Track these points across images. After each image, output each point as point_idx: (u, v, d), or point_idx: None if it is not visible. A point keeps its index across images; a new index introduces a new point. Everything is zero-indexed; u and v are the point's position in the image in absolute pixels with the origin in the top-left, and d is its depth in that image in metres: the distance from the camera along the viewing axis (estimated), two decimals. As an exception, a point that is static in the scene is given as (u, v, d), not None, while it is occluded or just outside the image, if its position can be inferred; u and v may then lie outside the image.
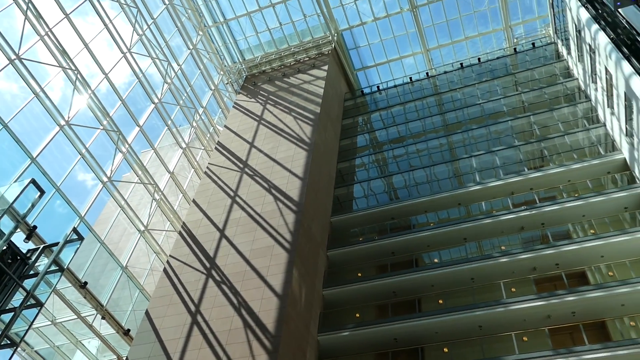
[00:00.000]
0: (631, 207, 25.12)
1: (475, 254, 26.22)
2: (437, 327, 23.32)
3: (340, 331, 24.19)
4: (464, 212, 28.77)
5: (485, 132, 33.23)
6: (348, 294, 26.21)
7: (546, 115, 32.40)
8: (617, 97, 25.72)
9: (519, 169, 29.41)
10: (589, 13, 28.23)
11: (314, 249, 26.86)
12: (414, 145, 34.93)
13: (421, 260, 27.58)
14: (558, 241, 24.45)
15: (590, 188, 26.73)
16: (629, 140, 25.29)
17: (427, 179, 31.71)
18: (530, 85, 36.01)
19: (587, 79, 31.37)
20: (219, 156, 33.90)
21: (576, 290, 22.09)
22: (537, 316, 22.42)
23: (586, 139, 29.87)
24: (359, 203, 32.49)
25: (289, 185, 28.61)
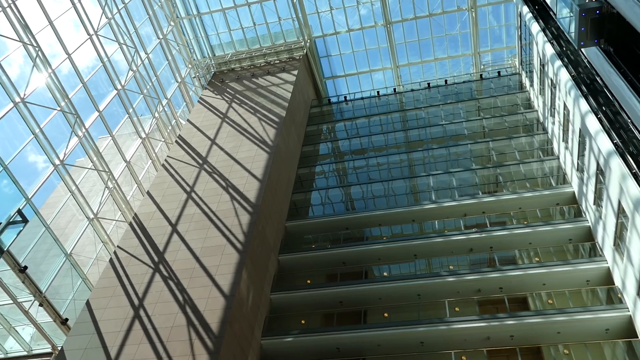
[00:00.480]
0: (575, 239, 26.08)
1: (424, 271, 26.66)
2: (380, 340, 23.56)
3: (284, 337, 24.14)
4: (417, 229, 29.24)
5: (445, 152, 33.93)
6: (296, 299, 26.20)
7: (504, 142, 33.35)
8: (572, 132, 26.73)
9: (473, 192, 30.14)
10: (554, 49, 29.27)
11: (266, 252, 26.75)
12: (375, 159, 35.31)
13: (371, 273, 27.85)
14: (504, 266, 25.14)
15: (539, 217, 27.63)
16: (579, 175, 26.30)
17: (384, 192, 32.11)
18: (492, 112, 37.01)
19: (546, 112, 32.50)
20: (179, 150, 33.41)
21: (516, 314, 22.73)
22: (477, 337, 22.94)
23: (540, 170, 30.88)
24: (316, 210, 32.60)
25: (247, 185, 28.45)
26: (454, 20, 43.57)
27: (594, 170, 23.42)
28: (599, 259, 23.93)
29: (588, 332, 22.12)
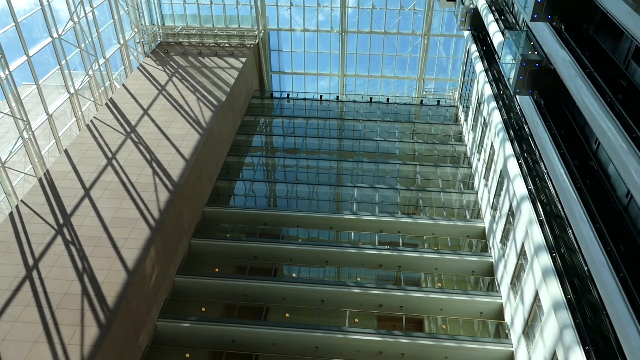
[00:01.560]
0: (477, 272, 27.42)
1: (333, 278, 27.07)
2: (277, 339, 23.64)
3: (182, 321, 23.70)
4: (333, 237, 29.65)
5: (374, 168, 34.68)
6: (200, 286, 25.79)
7: (431, 169, 34.58)
8: (493, 172, 28.14)
9: (393, 211, 30.98)
10: (492, 91, 30.72)
11: (179, 233, 26.18)
12: (305, 160, 35.50)
13: (280, 272, 27.93)
14: (408, 286, 26.01)
15: (449, 246, 28.82)
16: (492, 213, 27.72)
17: (308, 195, 32.34)
18: (425, 137, 38.28)
19: (474, 148, 34.02)
20: (108, 114, 32.05)
21: (411, 334, 23.54)
22: (370, 349, 23.55)
23: (458, 201, 32.26)
24: (237, 200, 32.31)
25: (172, 163, 27.74)
26: (407, 43, 44.77)
27: (506, 210, 24.75)
28: (495, 294, 25.30)
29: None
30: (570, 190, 16.53)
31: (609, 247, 13.72)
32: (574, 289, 16.41)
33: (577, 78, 17.35)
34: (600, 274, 13.44)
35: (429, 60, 45.19)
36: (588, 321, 15.20)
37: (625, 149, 13.50)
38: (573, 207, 15.89)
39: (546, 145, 19.67)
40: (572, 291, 16.34)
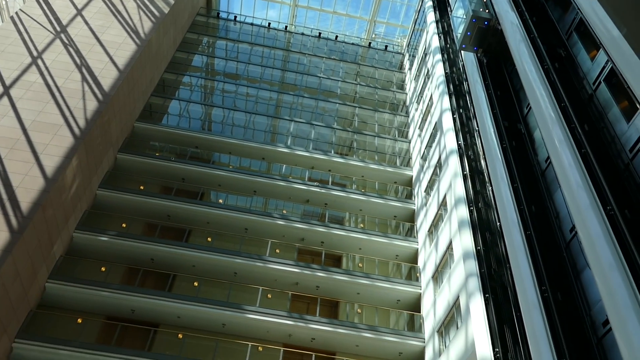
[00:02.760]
0: (399, 218, 28.49)
1: (259, 208, 27.24)
2: (197, 261, 23.80)
3: (100, 235, 23.25)
4: (265, 168, 29.62)
5: (314, 104, 34.48)
6: (123, 202, 25.23)
7: (369, 113, 34.84)
8: (428, 123, 28.76)
9: (327, 149, 31.20)
10: (439, 43, 30.91)
11: (105, 146, 25.19)
12: (245, 88, 34.71)
13: (207, 196, 27.74)
14: (331, 223, 26.67)
15: (376, 189, 29.60)
16: (422, 163, 28.55)
17: (244, 124, 31.85)
18: (368, 81, 38.26)
19: (414, 98, 34.48)
20: (36, 8, 29.56)
21: (328, 269, 24.38)
22: (288, 280, 24.25)
23: (391, 148, 32.91)
24: (170, 120, 31.32)
25: (105, 72, 26.25)
26: (363, -19, 43.72)
27: (435, 162, 25.56)
28: (412, 239, 26.49)
29: (383, 299, 24.58)
30: (496, 149, 17.23)
31: (522, 207, 14.57)
32: (484, 241, 17.43)
33: (521, 43, 17.72)
34: (510, 230, 14.32)
35: (383, 2, 44.52)
36: (492, 272, 16.30)
37: (553, 118, 14.11)
38: (496, 166, 16.63)
39: (481, 104, 20.23)
40: (482, 243, 17.36)
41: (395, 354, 22.89)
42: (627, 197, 11.09)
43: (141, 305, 21.92)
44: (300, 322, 22.30)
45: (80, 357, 19.78)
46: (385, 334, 22.52)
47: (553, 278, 12.52)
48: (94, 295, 21.62)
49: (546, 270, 12.58)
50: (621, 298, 9.51)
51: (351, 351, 23.06)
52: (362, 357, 22.93)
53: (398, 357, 22.98)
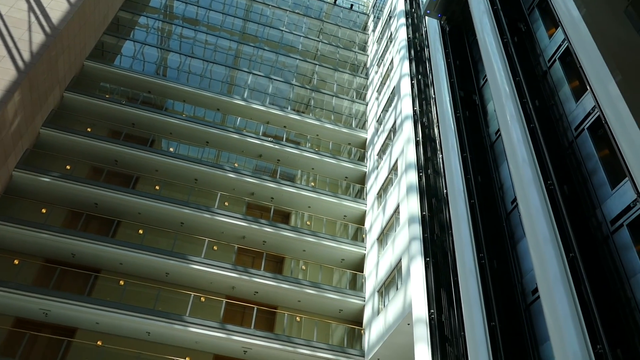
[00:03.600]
0: (350, 179, 28.74)
1: (210, 160, 26.81)
2: (143, 209, 23.38)
3: (42, 176, 22.40)
4: (219, 119, 29.06)
5: (274, 58, 33.81)
6: (68, 143, 24.29)
7: (329, 71, 34.48)
8: (387, 87, 28.78)
9: (283, 105, 30.85)
10: (405, 7, 30.65)
11: (52, 82, 24.01)
12: (204, 35, 33.57)
13: (158, 144, 27.06)
14: (283, 180, 26.66)
15: (329, 149, 29.64)
16: (377, 126, 28.70)
17: (201, 72, 30.97)
18: (330, 39, 37.71)
19: (375, 60, 34.31)
20: None
21: (276, 225, 24.48)
22: (235, 233, 24.24)
23: (347, 109, 32.84)
24: (124, 61, 30.05)
25: (54, 3, 24.73)
26: None
27: (390, 126, 25.73)
28: (362, 201, 26.85)
29: (328, 257, 24.98)
30: (450, 118, 17.45)
31: (469, 176, 14.93)
32: (430, 207, 17.85)
33: (484, 14, 17.75)
34: (455, 198, 14.68)
35: (352, -41, 43.50)
36: (435, 237, 16.77)
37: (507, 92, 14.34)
38: (448, 134, 16.88)
39: (440, 72, 20.33)
40: (428, 209, 17.78)
41: (335, 311, 23.48)
42: (568, 174, 11.51)
43: (82, 250, 21.49)
44: (245, 275, 22.45)
45: (16, 299, 19.33)
46: (328, 291, 23.00)
47: (491, 246, 13.00)
48: (32, 237, 21.00)
49: (485, 239, 13.03)
50: (551, 269, 9.98)
51: (293, 306, 23.48)
52: (304, 312, 23.42)
53: (338, 314, 23.60)
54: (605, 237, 9.96)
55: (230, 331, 20.73)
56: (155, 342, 20.92)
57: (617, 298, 9.06)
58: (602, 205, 10.32)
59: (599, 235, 10.15)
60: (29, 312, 19.90)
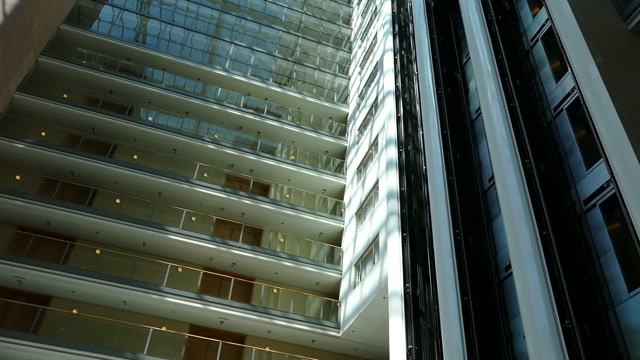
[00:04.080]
0: (331, 153, 28.72)
1: (190, 130, 26.48)
2: (120, 178, 23.11)
3: (16, 142, 21.91)
4: (200, 89, 28.63)
5: (256, 28, 33.28)
6: (43, 109, 23.75)
7: (312, 44, 34.10)
8: (370, 62, 28.60)
9: (265, 77, 30.50)
10: (390, -20, 30.27)
11: (27, 46, 23.32)
12: (186, 2, 32.78)
13: (137, 113, 26.63)
14: (263, 152, 26.54)
15: (310, 123, 29.52)
16: (358, 101, 28.60)
17: (182, 40, 30.35)
18: (314, 11, 37.19)
19: (359, 34, 33.99)
20: None
21: (255, 197, 24.43)
22: (213, 205, 24.16)
23: (330, 82, 32.62)
24: (102, 27, 29.27)
25: (28, -37, 23.86)
26: None
27: (372, 101, 25.67)
28: (341, 175, 26.91)
29: (306, 230, 25.10)
30: (432, 95, 17.45)
31: (448, 153, 15.02)
32: (409, 183, 17.96)
33: (469, -11, 17.60)
34: (434, 174, 14.79)
35: None
36: (412, 213, 16.93)
37: (489, 70, 14.36)
38: (429, 111, 16.90)
39: (423, 49, 20.23)
40: (407, 185, 17.89)
41: (312, 283, 23.71)
42: (545, 153, 11.65)
43: (57, 218, 21.22)
44: (223, 246, 22.46)
45: (-11, 265, 19.10)
46: (305, 264, 23.17)
47: (467, 223, 13.17)
48: (6, 204, 20.66)
49: (462, 215, 13.19)
50: (525, 246, 10.17)
51: (270, 278, 23.64)
52: (281, 284, 23.60)
53: (315, 287, 23.84)
54: (579, 216, 10.17)
55: (207, 302, 20.82)
56: (132, 312, 20.92)
57: (587, 276, 9.30)
58: (577, 185, 10.50)
59: (573, 214, 10.35)
60: (2, 280, 19.70)
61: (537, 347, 8.77)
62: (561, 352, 8.34)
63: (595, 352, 8.17)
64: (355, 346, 21.94)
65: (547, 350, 8.50)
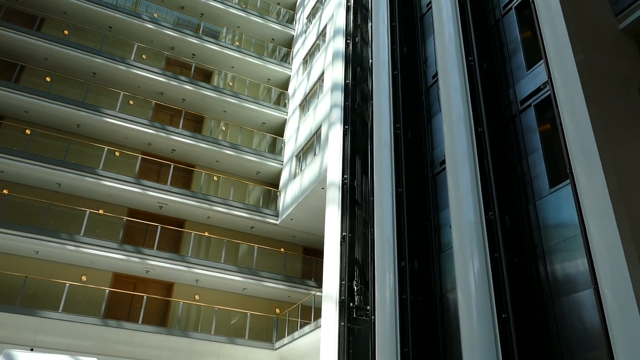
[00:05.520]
0: (277, 41, 27.75)
1: (128, 7, 24.58)
2: (50, 54, 21.60)
3: None
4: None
5: None
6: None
7: None
8: (322, -57, 26.91)
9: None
10: None
11: None
12: None
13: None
14: (206, 36, 25.28)
15: (257, 7, 28.11)
16: (308, -13, 27.26)
17: None
18: None
19: None
20: None
21: (196, 83, 23.63)
22: (152, 88, 23.22)
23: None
24: None
25: None
26: None
27: (321, -12, 24.51)
28: (287, 65, 26.27)
29: (249, 120, 24.83)
30: (384, -17, 16.77)
31: (395, 46, 14.78)
32: (354, 76, 17.77)
33: None
34: (379, 68, 14.64)
35: None
36: (356, 106, 16.94)
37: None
38: (380, 1, 16.35)
39: None
40: (352, 77, 17.70)
41: (253, 172, 23.88)
42: (490, 51, 11.66)
43: (-19, 93, 19.86)
44: (162, 132, 21.97)
45: None
46: (246, 153, 23.17)
47: (408, 118, 13.30)
48: None
49: (404, 110, 13.28)
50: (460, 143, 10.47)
51: (211, 166, 23.58)
52: (222, 172, 23.64)
53: (256, 175, 24.06)
54: (514, 116, 10.45)
55: (145, 186, 20.67)
56: (67, 194, 20.55)
57: (514, 172, 9.76)
58: (516, 85, 10.68)
59: (508, 113, 10.62)
60: None
61: (460, 236, 9.34)
62: (482, 241, 8.93)
63: (513, 241, 8.80)
64: (293, 233, 22.75)
65: (470, 239, 9.08)
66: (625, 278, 6.56)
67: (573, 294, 7.78)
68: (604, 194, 7.16)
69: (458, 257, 9.25)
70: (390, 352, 10.24)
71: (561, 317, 7.89)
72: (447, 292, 10.46)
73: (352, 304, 12.87)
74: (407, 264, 10.87)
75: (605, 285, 6.79)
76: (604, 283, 6.81)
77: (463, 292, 8.86)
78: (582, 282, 7.63)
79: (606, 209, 7.07)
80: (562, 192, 8.56)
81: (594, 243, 7.10)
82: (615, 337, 6.48)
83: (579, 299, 7.66)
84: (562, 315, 7.88)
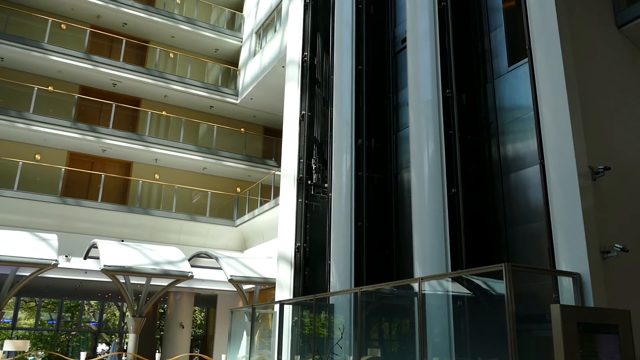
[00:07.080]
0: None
1: None
2: None
3: None
4: None
5: None
6: None
7: None
8: None
9: None
10: None
11: None
12: None
13: None
14: None
15: None
16: None
17: None
18: None
19: None
20: None
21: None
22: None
23: None
24: None
25: None
26: None
27: None
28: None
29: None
30: None
31: None
32: None
33: None
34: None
35: None
36: None
37: None
38: None
39: None
40: None
41: (211, 50, 22.93)
42: None
43: None
44: (112, 3, 20.48)
45: None
46: (204, 28, 22.05)
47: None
48: None
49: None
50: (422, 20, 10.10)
51: (166, 42, 22.47)
52: (178, 49, 22.61)
53: (214, 53, 23.14)
54: (479, -9, 10.07)
55: (96, 62, 19.68)
56: (12, 69, 19.43)
57: (475, 50, 9.60)
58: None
59: (474, -12, 10.21)
60: None
61: (417, 114, 9.36)
62: (438, 118, 8.98)
63: (468, 119, 8.88)
64: (253, 113, 22.48)
65: (426, 117, 9.11)
66: (570, 154, 6.77)
67: (520, 170, 8.05)
68: (560, 73, 7.17)
69: (413, 134, 9.34)
70: (345, 226, 10.62)
71: (508, 191, 8.22)
72: (402, 169, 10.70)
73: (310, 181, 13.07)
74: (364, 142, 10.96)
75: (550, 161, 7.02)
76: (549, 158, 7.04)
77: (416, 167, 9.06)
78: (530, 160, 7.87)
79: (560, 87, 7.11)
80: (520, 70, 8.53)
81: (544, 118, 7.23)
82: (554, 209, 6.83)
83: (526, 174, 7.95)
84: (509, 190, 8.22)
